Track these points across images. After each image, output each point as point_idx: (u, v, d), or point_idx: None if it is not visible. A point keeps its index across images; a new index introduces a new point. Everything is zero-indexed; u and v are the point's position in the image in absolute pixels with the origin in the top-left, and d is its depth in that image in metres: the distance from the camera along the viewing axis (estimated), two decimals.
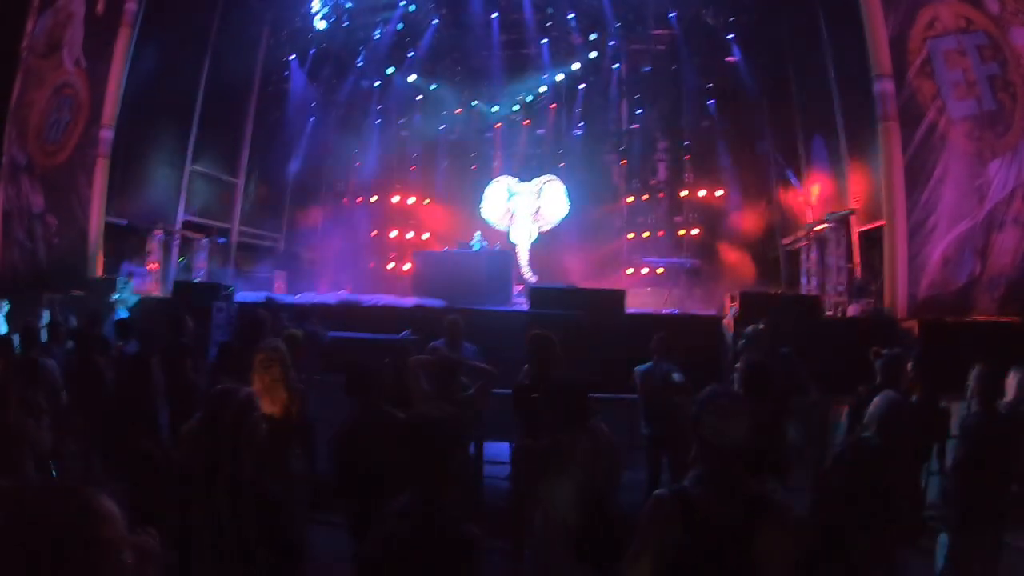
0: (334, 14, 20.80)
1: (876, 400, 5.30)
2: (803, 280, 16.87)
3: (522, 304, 16.36)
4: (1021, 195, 11.87)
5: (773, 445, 5.72)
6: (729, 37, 19.52)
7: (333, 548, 4.81)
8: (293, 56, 21.26)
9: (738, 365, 7.12)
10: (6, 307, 11.70)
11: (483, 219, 20.90)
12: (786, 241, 18.43)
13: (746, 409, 2.84)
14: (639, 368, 7.59)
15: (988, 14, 12.30)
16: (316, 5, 20.47)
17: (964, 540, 5.21)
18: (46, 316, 11.69)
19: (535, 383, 5.71)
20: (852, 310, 13.59)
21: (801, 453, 8.10)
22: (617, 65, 22.12)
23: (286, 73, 21.44)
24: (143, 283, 15.72)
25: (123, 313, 12.15)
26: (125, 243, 16.44)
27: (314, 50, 21.51)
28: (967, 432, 5.38)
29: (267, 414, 4.23)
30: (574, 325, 10.06)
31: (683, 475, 4.95)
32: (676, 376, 6.97)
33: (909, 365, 6.40)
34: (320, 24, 20.80)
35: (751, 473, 2.90)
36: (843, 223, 14.83)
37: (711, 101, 20.93)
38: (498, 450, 8.09)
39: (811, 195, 16.91)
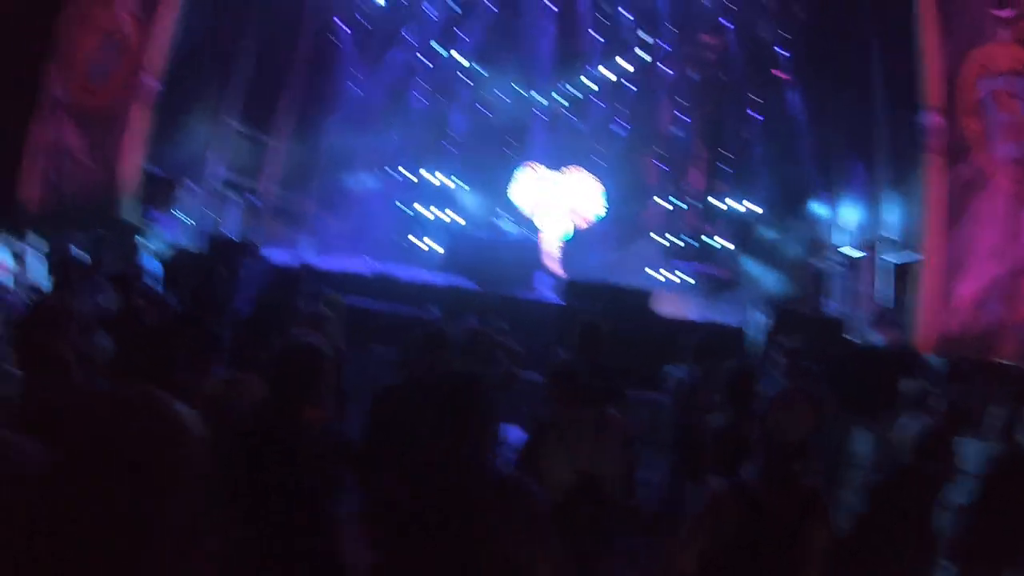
0: None
1: (908, 425, 5.29)
2: (830, 302, 16.83)
3: (547, 294, 16.41)
4: None
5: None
6: (779, 52, 19.42)
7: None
8: (342, 23, 21.28)
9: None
10: (44, 246, 11.80)
11: (512, 203, 20.89)
12: (816, 261, 18.36)
13: (813, 410, 2.95)
14: (670, 369, 7.56)
15: None
16: None
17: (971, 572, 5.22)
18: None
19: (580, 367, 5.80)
20: (876, 338, 13.56)
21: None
22: (666, 69, 22.06)
23: (334, 39, 21.48)
24: (172, 232, 15.87)
25: (151, 261, 12.26)
26: (156, 191, 16.59)
27: (361, 17, 21.52)
28: (991, 472, 5.38)
29: None
30: (603, 320, 10.10)
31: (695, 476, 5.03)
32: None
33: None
34: None
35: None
36: (876, 251, 14.78)
37: (755, 114, 20.86)
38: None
39: (846, 219, 16.84)
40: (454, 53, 22.49)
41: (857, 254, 15.28)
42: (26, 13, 15.26)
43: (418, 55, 22.72)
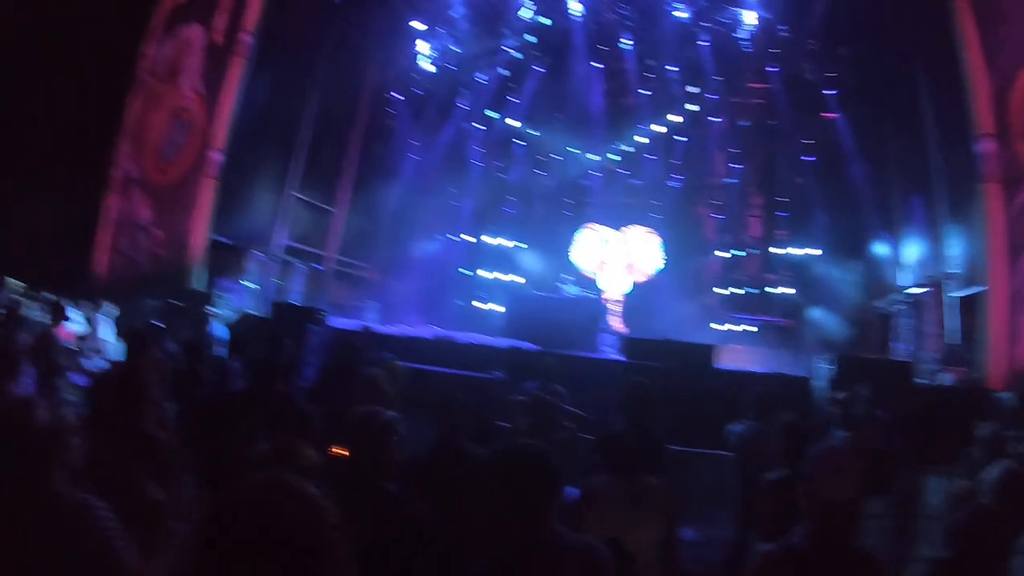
0: (440, 57, 21.51)
1: (992, 468, 5.17)
2: (896, 344, 16.45)
3: (610, 353, 16.37)
4: None
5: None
6: (828, 93, 19.40)
7: None
8: (398, 95, 21.97)
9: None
10: (116, 312, 12.30)
11: (574, 264, 21.03)
12: (880, 303, 18.01)
13: (856, 466, 2.87)
14: (736, 429, 7.49)
15: None
16: (424, 47, 21.18)
17: None
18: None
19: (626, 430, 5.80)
20: (946, 378, 13.19)
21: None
22: (716, 119, 22.19)
23: (390, 111, 22.16)
24: (239, 300, 16.35)
25: (219, 327, 12.64)
26: (225, 261, 17.14)
27: (419, 90, 22.20)
28: None
29: None
30: (664, 377, 10.06)
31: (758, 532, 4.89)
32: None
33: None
34: (426, 66, 21.49)
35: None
36: (940, 287, 14.46)
37: (808, 157, 20.77)
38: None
39: (907, 256, 16.56)
40: (508, 120, 22.98)
41: (921, 292, 14.96)
42: (98, 92, 16.21)
43: (473, 123, 23.31)
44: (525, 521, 2.73)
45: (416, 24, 20.40)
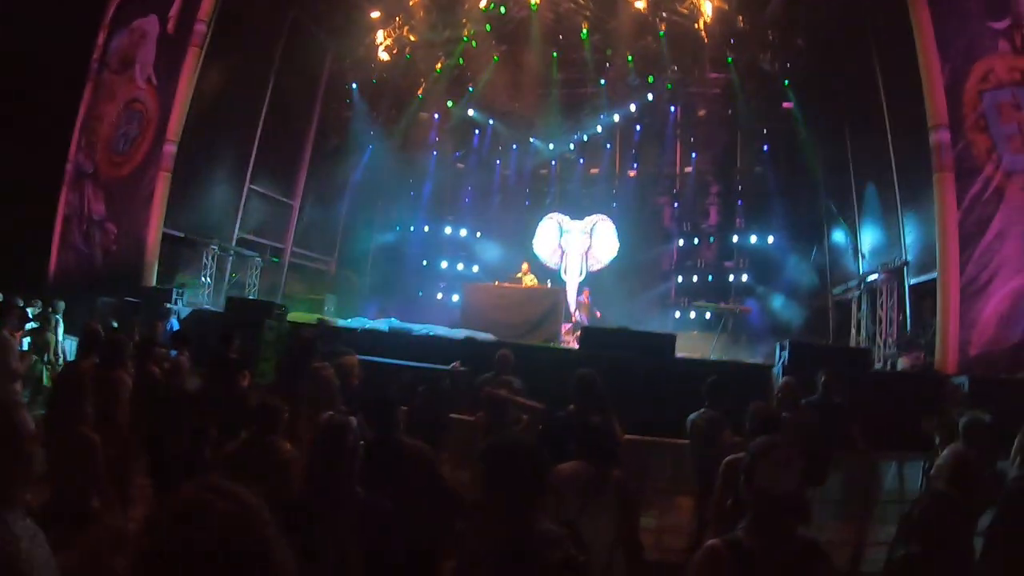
0: (396, 46, 21.26)
1: (944, 453, 5.23)
2: (853, 330, 16.66)
3: (570, 342, 16.41)
4: None
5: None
6: (785, 83, 19.56)
7: None
8: (355, 84, 21.75)
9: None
10: (62, 307, 12.04)
11: (534, 254, 21.04)
12: (836, 290, 18.23)
13: (799, 459, 2.88)
14: (691, 417, 7.45)
15: None
16: (380, 37, 20.93)
17: None
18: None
19: (572, 420, 5.77)
20: (902, 364, 13.39)
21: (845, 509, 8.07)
22: (673, 108, 22.30)
23: (347, 101, 21.92)
24: (195, 296, 16.10)
25: (175, 324, 12.45)
26: (180, 255, 16.85)
27: (375, 80, 21.99)
28: (1010, 496, 5.28)
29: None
30: (624, 367, 10.06)
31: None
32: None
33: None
34: (383, 55, 21.26)
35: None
36: (895, 274, 14.65)
37: (765, 146, 20.96)
38: None
39: (863, 244, 16.76)
40: (468, 109, 22.86)
41: (876, 279, 15.14)
42: (51, 86, 15.84)
43: (430, 113, 23.18)
44: (517, 514, 2.76)
45: (373, 13, 20.13)
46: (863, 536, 7.59)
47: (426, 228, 23.92)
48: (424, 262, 23.67)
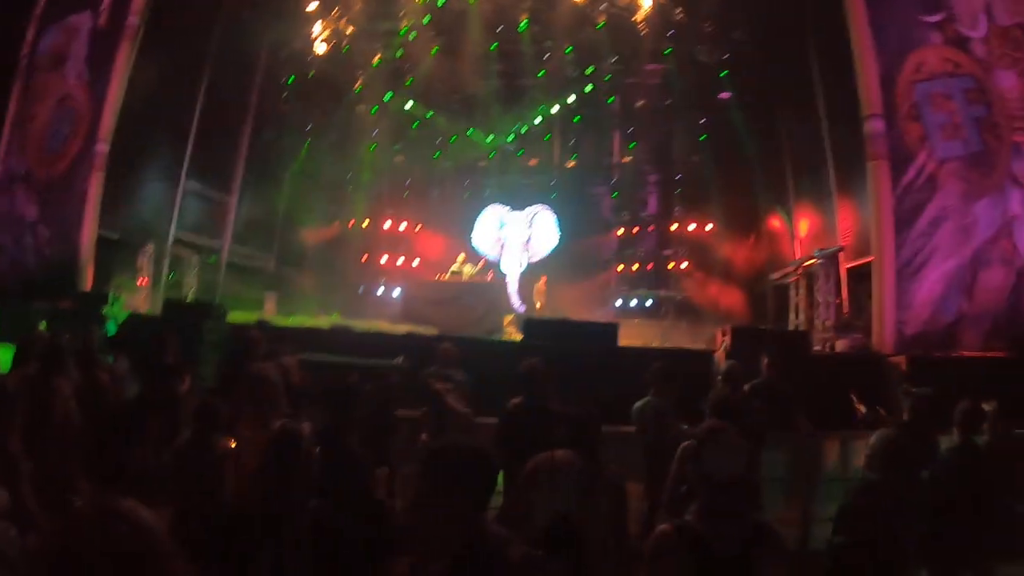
0: (334, 38, 20.96)
1: (875, 435, 5.35)
2: (791, 315, 17.00)
3: (512, 334, 16.42)
4: (1007, 234, 12.17)
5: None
6: (722, 74, 19.84)
7: None
8: (291, 78, 21.42)
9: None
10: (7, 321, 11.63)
11: (474, 247, 21.01)
12: (775, 276, 18.58)
13: (743, 444, 2.92)
14: (637, 404, 7.50)
15: (974, 58, 12.72)
16: (317, 29, 20.62)
17: (942, 573, 5.27)
18: None
19: (527, 412, 5.77)
20: (840, 346, 13.71)
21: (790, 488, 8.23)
22: (611, 99, 22.45)
23: (283, 95, 21.56)
24: (132, 299, 15.65)
25: (111, 329, 12.10)
26: (116, 257, 16.33)
27: (312, 73, 21.67)
28: (944, 466, 5.46)
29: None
30: (567, 357, 10.09)
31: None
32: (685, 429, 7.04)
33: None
34: (320, 48, 20.96)
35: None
36: (832, 259, 14.99)
37: (702, 136, 21.24)
38: None
39: (799, 230, 17.11)
40: (407, 102, 22.68)
41: (814, 264, 15.49)
42: None
43: (368, 105, 22.93)
44: (464, 520, 2.68)
45: (310, 4, 19.79)
46: (809, 514, 7.77)
47: (365, 223, 23.65)
48: (364, 257, 23.43)
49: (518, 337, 14.60)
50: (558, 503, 3.80)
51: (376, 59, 21.79)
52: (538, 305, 19.15)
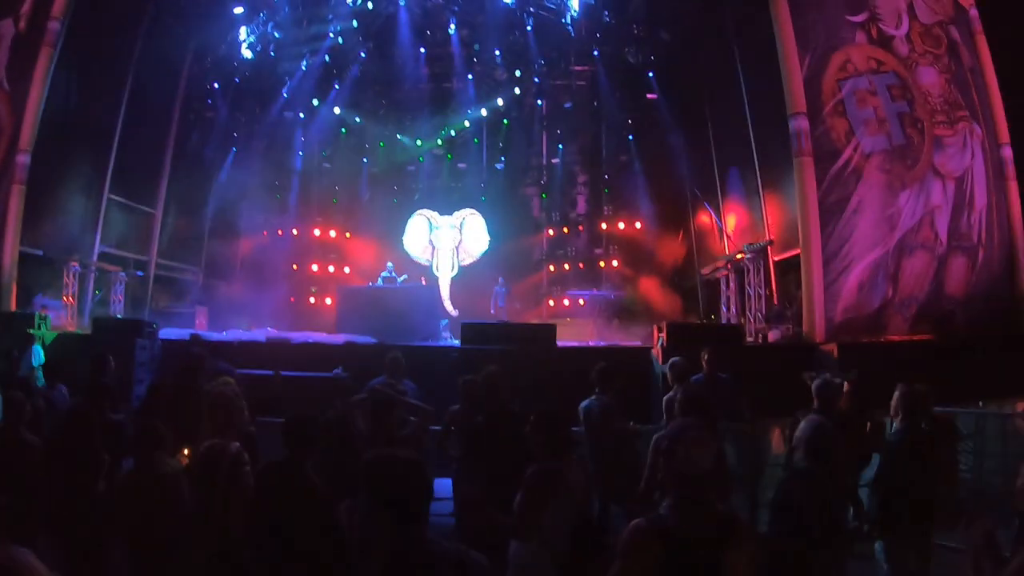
0: (260, 44, 20.64)
1: (802, 424, 5.56)
2: (723, 308, 17.33)
3: (448, 339, 16.40)
4: (928, 222, 12.80)
5: (718, 470, 5.96)
6: (649, 75, 20.17)
7: None
8: (216, 85, 21.00)
9: (670, 394, 7.25)
10: None
11: (405, 252, 20.93)
12: (705, 271, 18.92)
13: (713, 439, 3.02)
14: (583, 404, 7.60)
15: (897, 56, 13.31)
16: (243, 34, 20.25)
17: (897, 544, 5.51)
18: None
19: (491, 417, 5.82)
20: (772, 336, 14.07)
21: (738, 476, 8.44)
22: (540, 101, 22.65)
23: (209, 102, 21.12)
24: (58, 318, 15.10)
25: (39, 352, 11.63)
26: (39, 275, 15.68)
27: (238, 79, 21.30)
28: (891, 448, 5.71)
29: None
30: (507, 360, 10.13)
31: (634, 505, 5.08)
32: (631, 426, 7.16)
33: (845, 386, 6.83)
34: (246, 53, 20.61)
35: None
36: (760, 253, 15.36)
37: (630, 136, 21.55)
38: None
39: (728, 226, 17.49)
40: (331, 107, 22.46)
41: (743, 257, 15.82)
42: None
43: (295, 112, 22.64)
44: (402, 531, 2.73)
45: (236, 8, 19.36)
46: (755, 500, 8.02)
47: (294, 231, 23.32)
48: (294, 266, 23.10)
49: (456, 342, 14.62)
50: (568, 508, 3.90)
51: (303, 64, 21.52)
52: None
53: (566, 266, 22.75)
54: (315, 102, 22.36)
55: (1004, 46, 13.93)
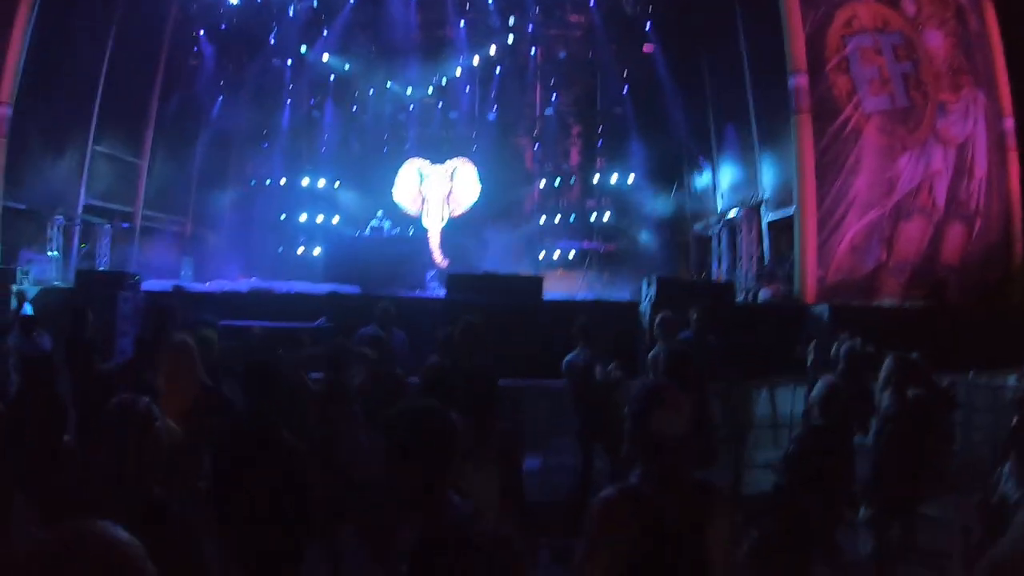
0: None
1: (817, 384, 5.47)
2: (714, 265, 17.26)
3: (436, 290, 16.29)
4: (928, 187, 12.62)
5: (702, 433, 5.93)
6: (646, 26, 19.77)
7: None
8: (202, 31, 20.51)
9: (655, 351, 7.16)
10: None
11: (394, 202, 20.70)
12: (697, 227, 18.80)
13: (687, 402, 2.86)
14: (567, 358, 7.54)
15: (904, 16, 13.02)
16: None
17: (884, 514, 5.47)
18: None
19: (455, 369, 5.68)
20: (763, 295, 13.99)
21: (723, 435, 8.42)
22: (534, 50, 22.22)
23: (195, 49, 20.66)
24: (44, 272, 14.96)
25: (27, 307, 11.54)
26: (23, 229, 15.47)
27: (225, 25, 20.82)
28: (884, 421, 5.64)
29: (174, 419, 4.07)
30: (492, 312, 10.04)
31: (619, 462, 4.99)
32: (613, 371, 7.03)
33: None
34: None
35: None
36: (754, 210, 15.22)
37: (625, 88, 21.21)
38: None
39: (722, 182, 17.31)
40: (320, 54, 22.02)
41: (736, 215, 15.71)
42: None
43: (283, 59, 22.22)
44: (434, 491, 2.56)
45: None
46: (741, 460, 8.03)
47: (282, 180, 22.96)
48: (282, 216, 22.82)
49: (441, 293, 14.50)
50: None
51: (291, 10, 21.00)
52: None
53: (557, 218, 22.53)
54: (303, 48, 21.89)
55: (1011, 20, 13.58)
